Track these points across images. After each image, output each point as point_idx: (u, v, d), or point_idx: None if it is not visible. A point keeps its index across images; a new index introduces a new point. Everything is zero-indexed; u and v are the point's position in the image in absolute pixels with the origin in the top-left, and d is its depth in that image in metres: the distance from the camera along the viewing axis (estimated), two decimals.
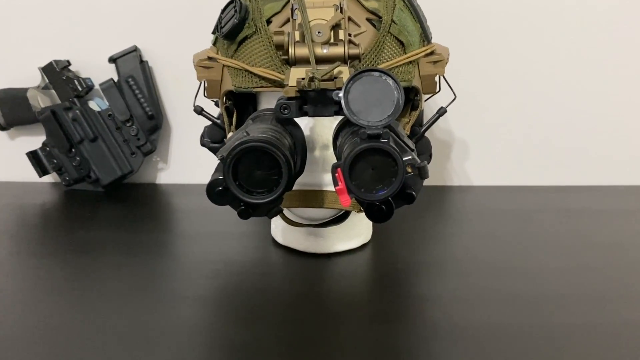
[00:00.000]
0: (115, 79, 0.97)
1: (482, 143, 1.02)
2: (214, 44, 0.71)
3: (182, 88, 0.93)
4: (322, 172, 0.66)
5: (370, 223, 0.76)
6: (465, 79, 0.74)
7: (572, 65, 0.98)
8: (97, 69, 0.98)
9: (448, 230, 0.84)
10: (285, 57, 0.59)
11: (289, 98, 0.55)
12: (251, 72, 0.64)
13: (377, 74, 0.50)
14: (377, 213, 0.54)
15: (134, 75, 0.97)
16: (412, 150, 0.53)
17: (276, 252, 0.74)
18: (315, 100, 0.55)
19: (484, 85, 0.98)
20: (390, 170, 0.49)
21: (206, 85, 0.69)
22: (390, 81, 0.50)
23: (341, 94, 0.50)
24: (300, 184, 0.63)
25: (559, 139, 1.00)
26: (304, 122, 0.62)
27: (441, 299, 0.63)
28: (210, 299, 0.63)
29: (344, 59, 0.57)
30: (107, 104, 0.97)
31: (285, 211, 0.70)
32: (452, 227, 0.86)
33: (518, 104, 0.99)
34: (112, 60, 0.97)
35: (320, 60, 0.57)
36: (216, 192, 0.53)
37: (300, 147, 0.58)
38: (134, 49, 0.97)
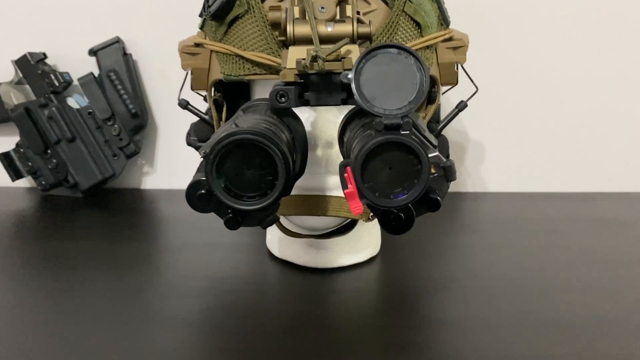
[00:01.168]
0: (96, 73, 0.91)
1: (499, 145, 0.95)
2: (202, 27, 0.63)
3: (170, 84, 0.87)
4: (325, 175, 0.59)
5: (378, 233, 0.70)
6: (480, 74, 0.66)
7: (600, 67, 0.92)
8: (76, 63, 0.92)
9: (465, 241, 0.77)
10: (283, 37, 0.50)
11: (287, 83, 0.46)
12: (243, 58, 0.56)
13: (394, 50, 0.41)
14: (394, 223, 0.44)
15: (117, 69, 0.90)
16: (435, 147, 0.44)
17: (272, 266, 0.67)
18: (319, 85, 0.46)
19: (501, 82, 0.92)
20: (411, 170, 0.40)
21: (192, 74, 0.61)
22: (411, 60, 0.40)
23: (351, 75, 0.41)
24: (299, 188, 0.56)
25: (584, 142, 0.94)
26: (303, 117, 0.54)
27: (463, 325, 0.55)
28: (195, 322, 0.57)
29: (352, 39, 0.48)
30: (87, 101, 0.91)
31: (283, 220, 0.63)
32: (468, 239, 0.79)
33: (538, 103, 0.93)
34: (93, 52, 0.91)
35: (324, 41, 0.48)
36: (198, 196, 0.44)
37: (300, 144, 0.49)
38: (117, 40, 0.91)
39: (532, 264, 0.68)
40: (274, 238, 0.68)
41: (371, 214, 0.60)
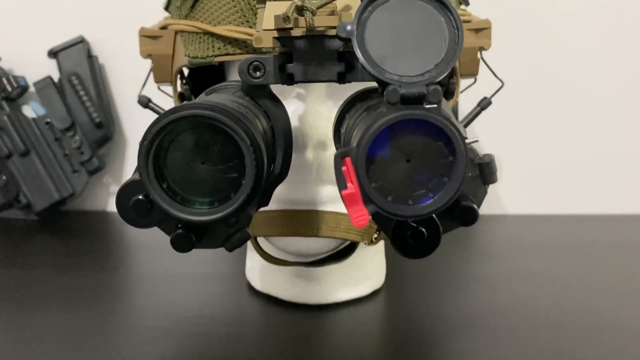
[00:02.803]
0: (56, 77, 0.84)
1: (518, 163, 0.88)
2: (166, 7, 0.55)
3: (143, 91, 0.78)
4: (316, 184, 0.48)
5: (382, 261, 0.61)
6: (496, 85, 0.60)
7: (629, 85, 0.86)
8: (34, 66, 0.85)
9: (484, 270, 0.69)
10: (262, 4, 0.38)
11: (263, 51, 0.34)
12: (212, 35, 0.45)
13: None
14: (411, 241, 0.32)
15: (79, 72, 0.83)
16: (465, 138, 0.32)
17: (251, 302, 0.60)
18: (307, 53, 0.34)
19: (521, 91, 0.84)
20: (440, 163, 0.28)
21: (153, 63, 0.53)
22: (436, 5, 0.28)
23: (351, 27, 0.29)
24: (284, 201, 0.48)
25: (609, 162, 0.88)
26: (289, 109, 0.42)
27: None
28: None
29: None
30: (45, 110, 0.83)
31: (264, 243, 0.54)
32: (488, 267, 0.71)
33: (562, 117, 0.87)
34: (53, 54, 0.83)
35: None
36: (133, 204, 0.32)
37: (282, 136, 0.37)
38: (81, 41, 0.83)
39: (568, 295, 0.61)
40: (254, 267, 0.59)
41: (375, 234, 0.49)
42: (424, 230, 0.32)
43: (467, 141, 0.28)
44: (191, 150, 0.31)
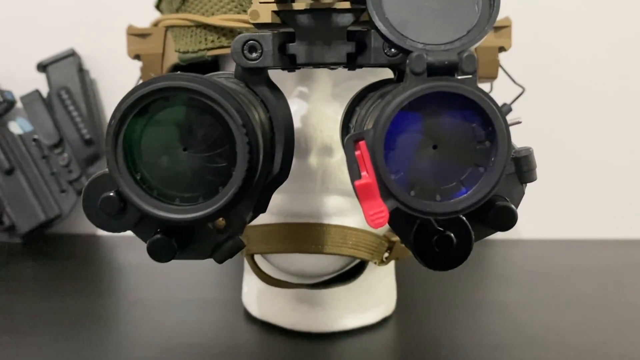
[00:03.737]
0: (45, 91, 0.81)
1: (533, 184, 0.84)
2: (157, 5, 0.52)
3: None
4: (320, 194, 0.44)
5: (393, 284, 0.57)
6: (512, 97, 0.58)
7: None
8: (22, 80, 0.82)
9: (502, 297, 0.66)
10: None
11: (259, 27, 0.29)
12: (205, 27, 0.41)
13: None
14: (437, 249, 0.27)
15: (70, 87, 0.80)
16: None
17: (249, 330, 0.56)
18: (311, 29, 0.29)
19: (538, 106, 0.82)
20: (474, 149, 0.23)
21: (143, 64, 0.50)
22: None
23: None
24: (284, 212, 0.44)
25: (633, 183, 0.85)
26: (291, 109, 0.37)
27: None
28: None
29: None
30: (33, 126, 0.81)
31: (261, 262, 0.49)
32: (505, 293, 0.68)
33: (579, 137, 0.85)
34: (42, 67, 0.81)
35: None
36: (102, 202, 0.27)
37: (281, 129, 0.32)
38: (71, 54, 0.81)
39: (596, 324, 0.57)
40: (251, 291, 0.55)
41: (386, 253, 0.45)
42: (452, 235, 0.26)
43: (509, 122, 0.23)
44: (170, 133, 0.26)
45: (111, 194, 0.27)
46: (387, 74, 0.35)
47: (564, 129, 0.85)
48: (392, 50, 0.30)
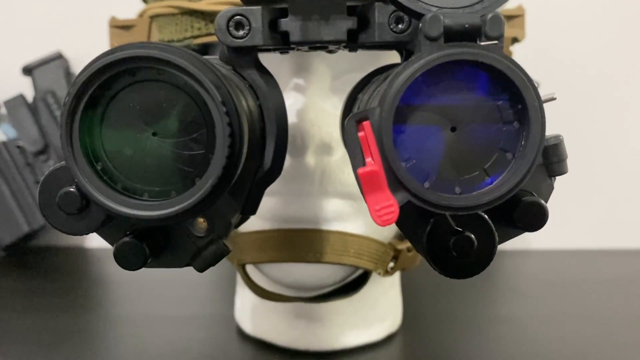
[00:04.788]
0: (30, 96, 0.78)
1: None
2: None
3: None
4: (319, 197, 0.41)
5: (398, 298, 0.55)
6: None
7: None
8: (5, 84, 0.80)
9: (511, 310, 0.64)
10: None
11: (248, 3, 0.26)
12: (191, 14, 0.38)
13: None
14: (454, 252, 0.23)
15: (56, 91, 0.78)
16: None
17: (241, 348, 0.54)
18: (306, 2, 0.26)
19: (550, 114, 0.82)
20: (500, 132, 0.19)
21: None
22: None
23: None
24: (278, 217, 0.42)
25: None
26: (288, 102, 0.34)
27: None
28: None
29: None
30: (17, 131, 0.78)
31: (254, 273, 0.47)
32: (515, 306, 0.66)
33: (593, 147, 0.83)
34: (28, 70, 0.78)
35: None
36: (60, 199, 0.23)
37: (273, 119, 0.29)
38: (58, 56, 0.79)
39: (610, 337, 0.55)
40: (244, 306, 0.53)
41: (391, 263, 0.41)
42: (472, 237, 0.22)
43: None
44: (137, 114, 0.22)
45: (71, 189, 0.23)
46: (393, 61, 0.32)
47: (574, 137, 0.84)
48: (400, 25, 0.26)
